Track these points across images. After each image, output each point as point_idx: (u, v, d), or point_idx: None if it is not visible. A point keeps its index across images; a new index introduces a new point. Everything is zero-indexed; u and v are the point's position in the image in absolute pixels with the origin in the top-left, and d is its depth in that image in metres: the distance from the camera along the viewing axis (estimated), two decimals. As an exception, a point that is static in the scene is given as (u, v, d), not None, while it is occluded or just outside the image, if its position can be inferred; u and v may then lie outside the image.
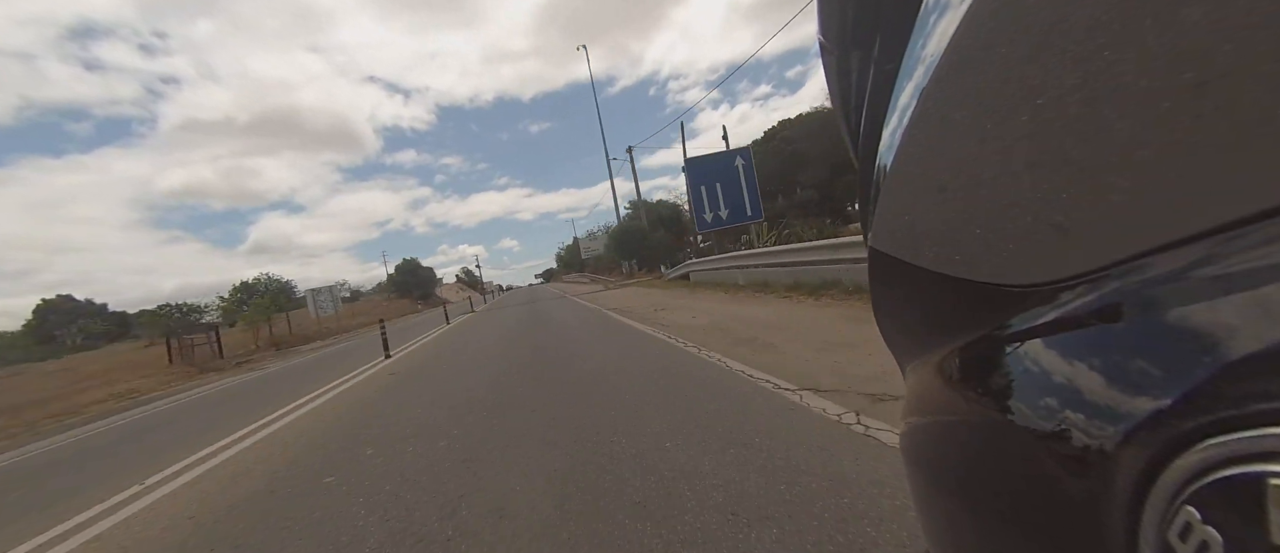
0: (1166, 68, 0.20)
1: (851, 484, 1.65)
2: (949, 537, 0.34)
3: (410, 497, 2.17)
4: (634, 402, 3.02)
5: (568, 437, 2.57)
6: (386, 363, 7.29)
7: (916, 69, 0.34)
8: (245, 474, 2.97)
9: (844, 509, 1.52)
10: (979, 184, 0.29)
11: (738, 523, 1.54)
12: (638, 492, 1.86)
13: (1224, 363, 0.18)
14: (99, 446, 5.20)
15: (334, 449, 3.12)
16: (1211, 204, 0.19)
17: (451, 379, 4.89)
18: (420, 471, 2.46)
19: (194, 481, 3.05)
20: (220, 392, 8.35)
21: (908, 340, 0.43)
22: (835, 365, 3.12)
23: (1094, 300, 0.24)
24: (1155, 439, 0.19)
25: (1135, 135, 0.21)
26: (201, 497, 2.73)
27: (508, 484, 2.12)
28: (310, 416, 4.40)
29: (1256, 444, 0.16)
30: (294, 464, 2.97)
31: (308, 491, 2.48)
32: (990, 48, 0.27)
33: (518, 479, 2.15)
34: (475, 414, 3.34)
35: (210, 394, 8.23)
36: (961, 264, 0.32)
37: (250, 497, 2.56)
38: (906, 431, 0.40)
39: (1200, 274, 0.20)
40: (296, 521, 2.14)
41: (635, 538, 1.55)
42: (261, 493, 2.59)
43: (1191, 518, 0.18)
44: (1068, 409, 0.23)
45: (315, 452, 3.15)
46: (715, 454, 2.07)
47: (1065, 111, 0.23)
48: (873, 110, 0.42)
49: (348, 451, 3.04)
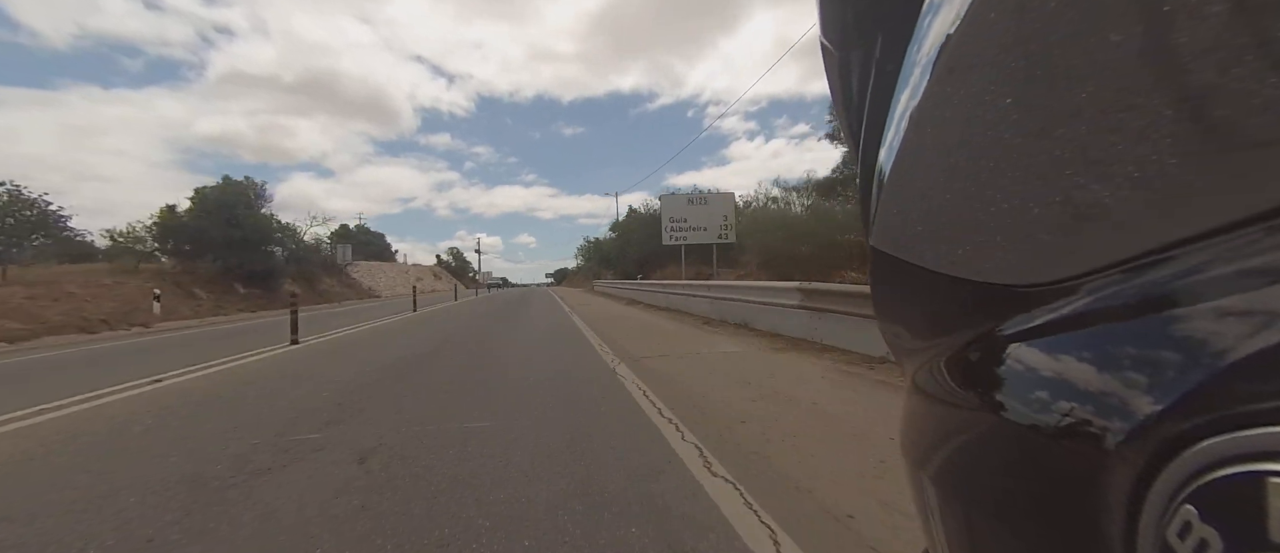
0: (1166, 68, 0.20)
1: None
2: (949, 536, 0.34)
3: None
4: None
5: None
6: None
7: (916, 69, 0.34)
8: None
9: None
10: (979, 184, 0.29)
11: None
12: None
13: (1223, 362, 0.18)
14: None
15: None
16: (1211, 204, 0.19)
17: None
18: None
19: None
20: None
21: (909, 340, 0.43)
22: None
23: (1094, 300, 0.24)
24: (1155, 438, 0.19)
25: (1135, 136, 0.21)
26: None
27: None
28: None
29: (1256, 443, 0.16)
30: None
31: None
32: (990, 48, 0.27)
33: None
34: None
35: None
36: (961, 264, 0.32)
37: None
38: (906, 429, 0.40)
39: (1200, 274, 0.20)
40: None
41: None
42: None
43: (1191, 517, 0.18)
44: (1068, 408, 0.23)
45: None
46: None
47: (1065, 112, 0.24)
48: (873, 111, 0.42)
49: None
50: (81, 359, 6.91)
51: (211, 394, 4.12)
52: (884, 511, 1.83)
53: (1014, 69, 0.25)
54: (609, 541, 1.65)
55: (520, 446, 2.58)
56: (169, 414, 3.49)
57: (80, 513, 2.01)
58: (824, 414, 3.08)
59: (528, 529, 1.74)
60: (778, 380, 4.00)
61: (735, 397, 3.52)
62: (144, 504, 2.06)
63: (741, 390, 3.70)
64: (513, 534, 1.71)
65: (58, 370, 5.94)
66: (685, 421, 2.94)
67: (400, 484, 2.17)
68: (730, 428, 2.83)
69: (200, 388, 4.39)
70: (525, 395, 3.70)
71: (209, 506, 2.03)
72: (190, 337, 9.76)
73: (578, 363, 4.93)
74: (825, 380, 3.97)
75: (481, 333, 7.96)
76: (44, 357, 7.50)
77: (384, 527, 1.79)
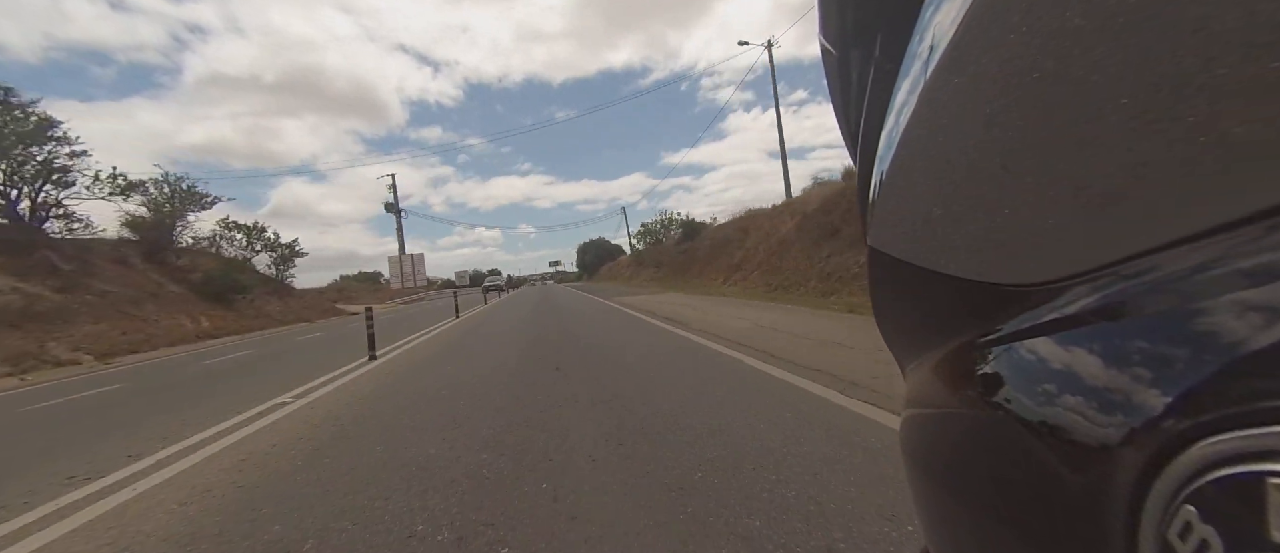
0: (1167, 66, 0.20)
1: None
2: (948, 535, 0.34)
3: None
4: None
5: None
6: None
7: (915, 68, 0.34)
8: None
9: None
10: (978, 183, 0.29)
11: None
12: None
13: (1224, 361, 0.18)
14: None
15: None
16: (1211, 203, 0.19)
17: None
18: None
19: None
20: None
21: (907, 340, 0.43)
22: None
23: (1094, 300, 0.24)
24: (1155, 438, 0.19)
25: (1135, 134, 0.21)
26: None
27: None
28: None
29: (1256, 443, 0.16)
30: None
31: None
32: (989, 46, 0.27)
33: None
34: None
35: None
36: (961, 264, 0.32)
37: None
38: (906, 429, 0.40)
39: (1200, 273, 0.20)
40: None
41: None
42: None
43: (1191, 517, 0.18)
44: (1068, 408, 0.23)
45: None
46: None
47: (1065, 110, 0.23)
48: (872, 110, 0.42)
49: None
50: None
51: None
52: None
53: (1014, 68, 0.25)
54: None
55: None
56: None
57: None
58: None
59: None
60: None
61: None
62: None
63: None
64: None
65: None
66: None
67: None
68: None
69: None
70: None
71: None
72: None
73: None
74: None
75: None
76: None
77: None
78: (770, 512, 1.89)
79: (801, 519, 1.82)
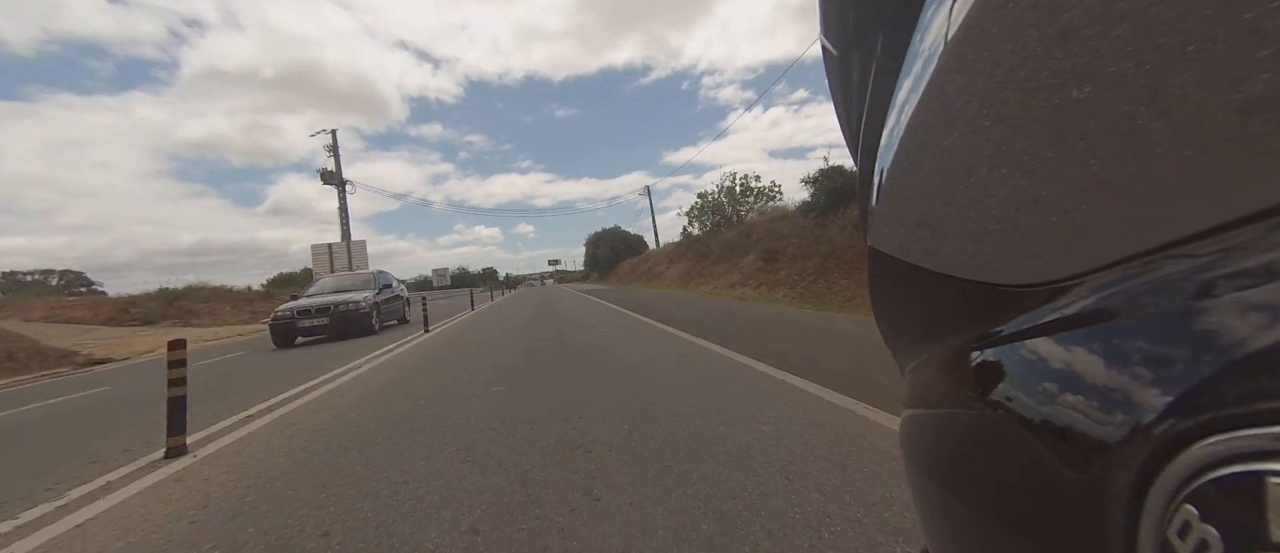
0: (1167, 66, 0.20)
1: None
2: (948, 534, 0.34)
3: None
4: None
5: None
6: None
7: (917, 66, 0.34)
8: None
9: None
10: (978, 183, 0.29)
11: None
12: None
13: (1223, 361, 0.18)
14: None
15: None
16: (1211, 203, 0.19)
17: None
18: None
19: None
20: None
21: (907, 340, 0.43)
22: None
23: (1094, 300, 0.24)
24: (1155, 437, 0.19)
25: (1135, 133, 0.21)
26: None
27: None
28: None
29: (1256, 443, 0.16)
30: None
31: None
32: (990, 46, 0.27)
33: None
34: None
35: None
36: (961, 263, 0.32)
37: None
38: (906, 429, 0.40)
39: (1200, 273, 0.20)
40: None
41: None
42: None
43: (1190, 516, 0.18)
44: (1068, 408, 0.23)
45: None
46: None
47: (1064, 110, 0.23)
48: (873, 110, 0.42)
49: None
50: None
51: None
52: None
53: (1015, 68, 0.25)
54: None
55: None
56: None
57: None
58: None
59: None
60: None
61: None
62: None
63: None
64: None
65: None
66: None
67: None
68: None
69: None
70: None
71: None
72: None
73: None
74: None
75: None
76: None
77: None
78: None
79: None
